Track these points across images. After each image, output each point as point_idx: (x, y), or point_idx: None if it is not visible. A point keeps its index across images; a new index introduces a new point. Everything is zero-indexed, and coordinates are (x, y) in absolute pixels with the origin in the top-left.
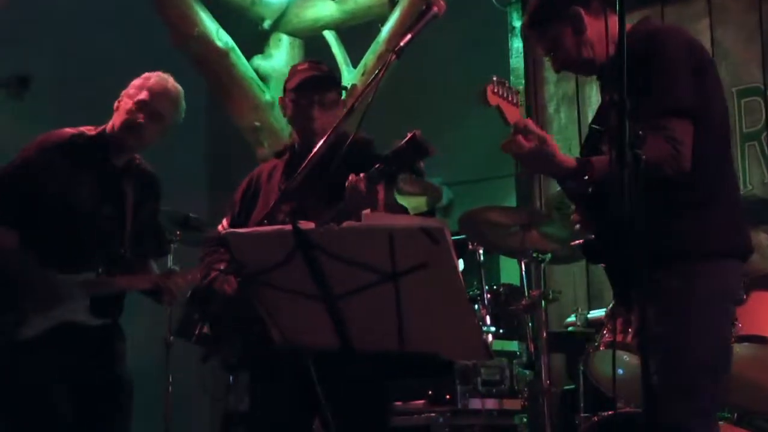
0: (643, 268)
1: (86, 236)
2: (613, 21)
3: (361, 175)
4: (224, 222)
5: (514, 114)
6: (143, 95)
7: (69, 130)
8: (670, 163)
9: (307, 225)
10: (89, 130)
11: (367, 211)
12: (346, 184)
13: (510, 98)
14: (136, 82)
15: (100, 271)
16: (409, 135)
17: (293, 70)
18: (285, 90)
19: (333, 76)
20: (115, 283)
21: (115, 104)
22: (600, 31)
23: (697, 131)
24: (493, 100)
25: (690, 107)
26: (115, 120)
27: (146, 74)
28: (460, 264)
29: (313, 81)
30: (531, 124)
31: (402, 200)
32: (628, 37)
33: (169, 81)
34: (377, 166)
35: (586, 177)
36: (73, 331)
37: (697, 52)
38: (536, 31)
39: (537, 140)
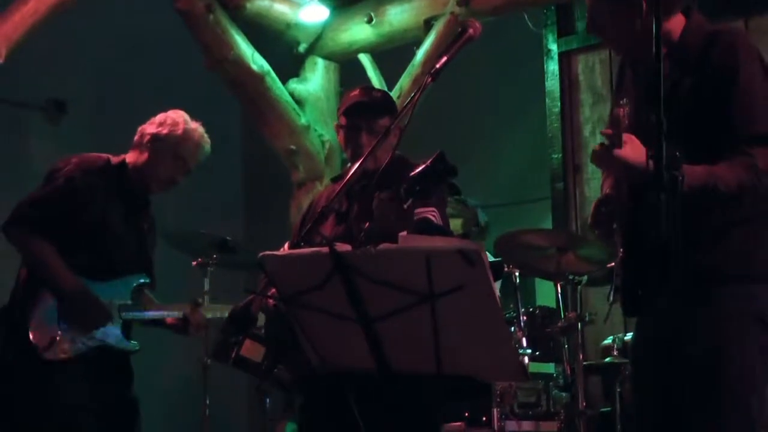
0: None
1: (117, 258)
2: (678, 20)
3: (386, 193)
4: (285, 247)
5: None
6: (186, 154)
7: (102, 156)
8: (747, 187)
9: (343, 247)
10: (112, 158)
11: (404, 233)
12: (374, 203)
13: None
14: (175, 131)
15: (132, 296)
16: (436, 154)
17: (346, 96)
18: (337, 116)
19: (385, 103)
20: (147, 308)
21: (139, 139)
22: (664, 26)
23: None
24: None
25: None
26: (146, 165)
27: (180, 122)
28: (497, 286)
29: (361, 107)
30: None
31: None
32: (698, 36)
33: (204, 135)
34: (404, 185)
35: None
36: (103, 354)
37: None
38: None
39: (625, 143)
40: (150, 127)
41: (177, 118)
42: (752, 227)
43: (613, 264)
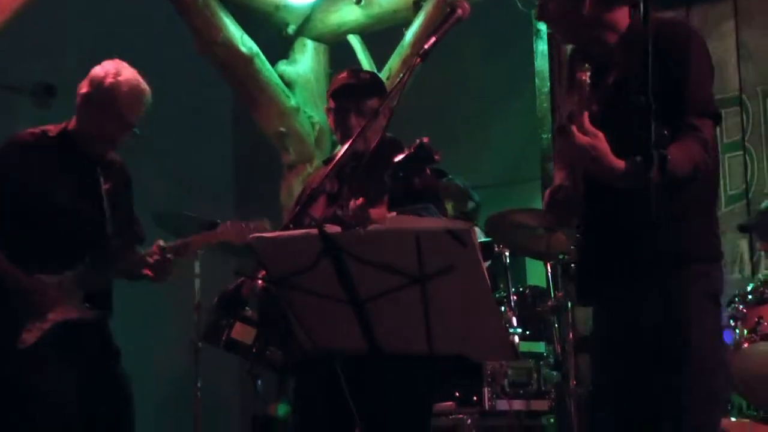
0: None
1: (68, 232)
2: (625, 11)
3: (360, 200)
4: None
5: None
6: (117, 109)
7: (35, 130)
8: (701, 166)
9: (333, 229)
10: (50, 129)
11: (393, 213)
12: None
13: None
14: (104, 85)
15: (87, 262)
16: (418, 141)
17: (335, 78)
18: (327, 98)
19: (373, 84)
20: (111, 269)
21: (81, 100)
22: (610, 18)
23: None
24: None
25: (717, 111)
26: (84, 128)
27: (104, 76)
28: (487, 266)
29: (349, 88)
30: (587, 118)
31: None
32: (654, 27)
33: (136, 85)
34: (388, 172)
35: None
36: (72, 330)
37: (710, 56)
38: None
39: (591, 135)
40: (81, 88)
41: (100, 73)
42: (703, 209)
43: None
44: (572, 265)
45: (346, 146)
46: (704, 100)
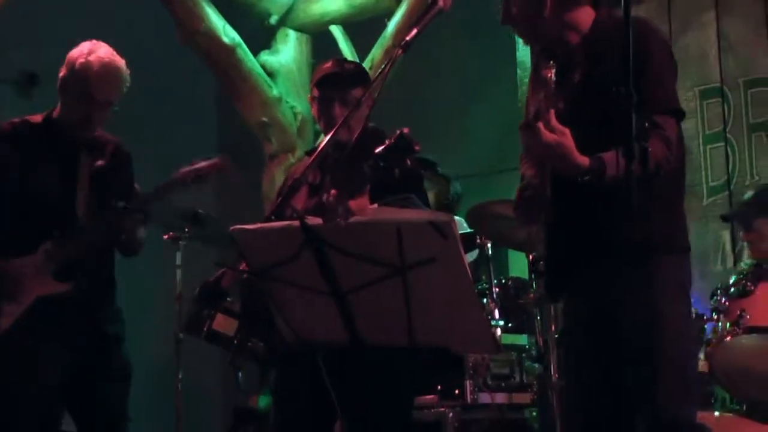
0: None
1: (34, 215)
2: (585, 10)
3: (333, 192)
4: None
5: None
6: (89, 89)
7: (12, 120)
8: (663, 163)
9: (314, 220)
10: (34, 118)
11: (374, 205)
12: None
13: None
14: (75, 66)
15: (55, 237)
16: (398, 132)
17: (319, 68)
18: (311, 88)
19: (358, 74)
20: (80, 238)
21: (59, 84)
22: (572, 18)
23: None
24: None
25: (680, 108)
26: (64, 112)
27: (76, 57)
28: (469, 257)
29: (333, 78)
30: (553, 116)
31: None
32: (607, 24)
33: (108, 63)
34: (368, 162)
35: (602, 175)
36: (51, 306)
37: (672, 54)
38: None
39: (558, 133)
40: (60, 72)
41: (74, 54)
42: (671, 201)
43: None
44: (541, 262)
45: (328, 136)
46: (666, 97)
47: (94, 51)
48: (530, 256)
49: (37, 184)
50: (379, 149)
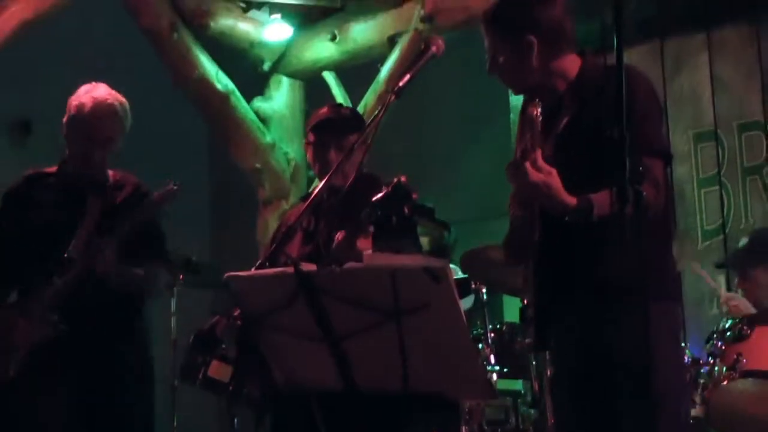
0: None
1: (36, 255)
2: (570, 58)
3: (342, 233)
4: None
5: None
6: (84, 128)
7: (27, 173)
8: (652, 206)
9: (308, 267)
10: (49, 168)
11: (369, 251)
12: (336, 239)
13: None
14: (71, 108)
15: (45, 279)
16: (395, 180)
17: (315, 113)
18: (306, 133)
19: (354, 120)
20: (68, 279)
21: (63, 130)
22: (558, 65)
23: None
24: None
25: (668, 151)
26: (69, 151)
27: (72, 102)
28: (465, 303)
29: (329, 123)
30: (540, 155)
31: None
32: (593, 71)
33: (94, 100)
34: (365, 211)
35: (589, 215)
36: (46, 351)
37: (658, 97)
38: (486, 29)
39: (545, 173)
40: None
41: (72, 98)
42: (662, 246)
43: None
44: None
45: (323, 182)
46: (653, 139)
47: (90, 91)
48: (525, 301)
49: (41, 226)
50: (376, 197)
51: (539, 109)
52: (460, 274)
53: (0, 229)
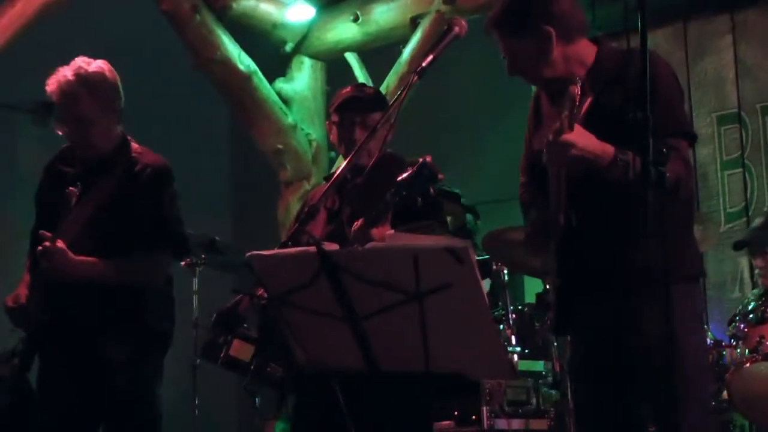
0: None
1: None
2: (585, 44)
3: (361, 221)
4: None
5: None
6: (59, 112)
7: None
8: (684, 185)
9: (330, 246)
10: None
11: (391, 231)
12: (352, 229)
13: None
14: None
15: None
16: (420, 161)
17: (338, 93)
18: (329, 113)
19: (377, 98)
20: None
21: None
22: (574, 52)
23: None
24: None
25: (691, 131)
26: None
27: (51, 78)
28: (486, 284)
29: (354, 102)
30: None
31: None
32: (610, 56)
33: (61, 77)
34: (390, 191)
35: (626, 172)
36: (44, 333)
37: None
38: (500, 33)
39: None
40: None
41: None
42: (684, 227)
43: None
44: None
45: (347, 161)
46: (677, 120)
47: (57, 73)
48: (546, 282)
49: (51, 205)
50: (402, 177)
51: (579, 87)
52: (480, 255)
53: (37, 201)
